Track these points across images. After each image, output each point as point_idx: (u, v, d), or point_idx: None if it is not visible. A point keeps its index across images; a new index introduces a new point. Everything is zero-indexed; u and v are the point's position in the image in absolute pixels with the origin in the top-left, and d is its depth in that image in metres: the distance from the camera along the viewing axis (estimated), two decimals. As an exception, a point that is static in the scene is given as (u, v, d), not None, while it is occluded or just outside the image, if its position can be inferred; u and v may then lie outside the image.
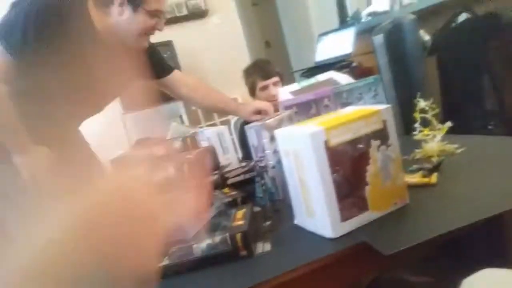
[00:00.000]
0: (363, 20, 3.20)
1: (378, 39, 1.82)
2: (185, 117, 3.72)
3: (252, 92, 2.15)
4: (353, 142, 0.84)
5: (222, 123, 2.93)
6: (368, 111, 0.87)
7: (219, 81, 3.84)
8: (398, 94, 1.68)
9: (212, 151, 1.14)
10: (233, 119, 2.79)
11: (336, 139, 0.82)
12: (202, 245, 0.88)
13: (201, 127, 2.49)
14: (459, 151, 1.18)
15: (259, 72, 2.09)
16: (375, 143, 0.86)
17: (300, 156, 0.85)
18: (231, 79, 4.04)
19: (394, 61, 1.81)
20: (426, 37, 2.38)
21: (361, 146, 0.85)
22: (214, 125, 3.47)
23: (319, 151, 0.81)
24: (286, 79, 2.21)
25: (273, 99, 1.94)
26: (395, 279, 1.42)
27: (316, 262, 0.79)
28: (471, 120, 2.12)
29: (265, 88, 2.07)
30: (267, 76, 2.07)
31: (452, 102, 2.23)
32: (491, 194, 0.89)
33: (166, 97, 3.35)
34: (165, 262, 0.88)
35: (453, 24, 2.36)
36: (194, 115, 3.76)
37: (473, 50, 2.25)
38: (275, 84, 2.05)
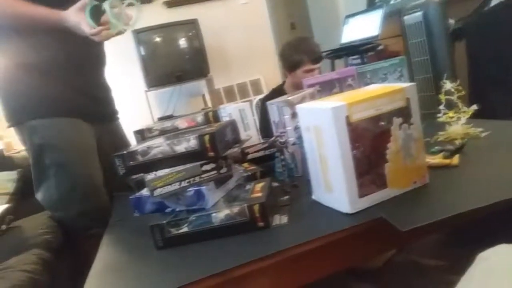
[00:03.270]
0: (392, 2, 3.13)
1: (410, 19, 1.78)
2: (207, 96, 3.74)
3: (293, 68, 2.05)
4: (375, 118, 0.84)
5: (244, 102, 2.94)
6: (392, 88, 0.86)
7: (243, 62, 3.84)
8: (434, 75, 1.64)
9: (233, 125, 1.15)
10: (254, 99, 2.79)
11: (358, 115, 0.82)
12: (220, 215, 0.91)
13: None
14: (483, 135, 1.16)
15: (310, 54, 1.99)
16: (397, 120, 0.86)
17: (321, 131, 0.86)
18: (255, 59, 4.05)
19: (426, 42, 1.78)
20: (450, 20, 2.32)
21: (383, 123, 0.85)
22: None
23: (340, 126, 0.81)
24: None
25: None
26: (409, 262, 1.42)
27: (332, 236, 0.80)
28: (498, 107, 2.07)
29: (309, 71, 2.00)
30: (317, 61, 2.01)
31: (479, 88, 2.18)
32: (512, 177, 0.87)
33: (189, 77, 3.39)
34: (185, 229, 0.91)
35: (485, 8, 2.28)
36: (217, 94, 3.78)
37: (505, 35, 2.18)
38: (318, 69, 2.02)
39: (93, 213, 1.45)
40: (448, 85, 1.18)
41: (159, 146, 0.99)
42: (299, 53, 2.02)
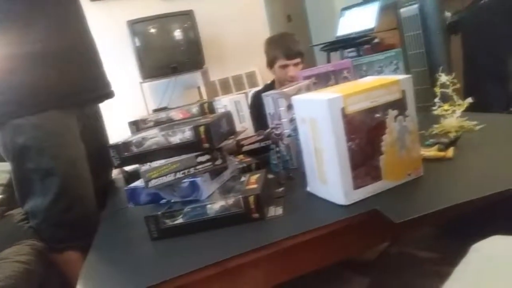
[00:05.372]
0: (388, -5, 3.12)
1: (406, 12, 1.78)
2: (202, 89, 3.72)
3: (271, 65, 2.05)
4: (371, 110, 0.84)
5: (239, 94, 2.93)
6: (387, 80, 0.86)
7: (238, 53, 3.82)
8: (430, 68, 1.65)
9: (228, 116, 1.15)
10: (250, 92, 2.79)
11: (354, 107, 0.82)
12: (215, 206, 0.91)
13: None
14: (478, 127, 1.17)
15: (283, 49, 1.94)
16: (392, 113, 0.86)
17: (316, 123, 0.86)
18: (251, 51, 4.01)
19: (422, 35, 1.78)
20: (446, 13, 2.33)
21: (378, 115, 0.85)
22: (231, 97, 3.45)
23: (336, 118, 0.81)
24: (306, 54, 2.14)
25: (290, 80, 1.86)
26: (403, 254, 1.43)
27: (327, 228, 0.80)
28: (493, 100, 2.08)
29: (285, 67, 1.96)
30: (290, 56, 1.93)
31: (474, 81, 2.19)
32: (507, 169, 0.88)
33: (184, 68, 3.37)
34: (180, 221, 0.91)
35: (481, 2, 2.29)
36: (212, 86, 3.77)
37: (501, 29, 2.18)
38: (295, 65, 1.94)
39: (72, 225, 1.33)
40: (443, 78, 1.18)
41: (154, 137, 0.98)
42: (273, 48, 2.01)
